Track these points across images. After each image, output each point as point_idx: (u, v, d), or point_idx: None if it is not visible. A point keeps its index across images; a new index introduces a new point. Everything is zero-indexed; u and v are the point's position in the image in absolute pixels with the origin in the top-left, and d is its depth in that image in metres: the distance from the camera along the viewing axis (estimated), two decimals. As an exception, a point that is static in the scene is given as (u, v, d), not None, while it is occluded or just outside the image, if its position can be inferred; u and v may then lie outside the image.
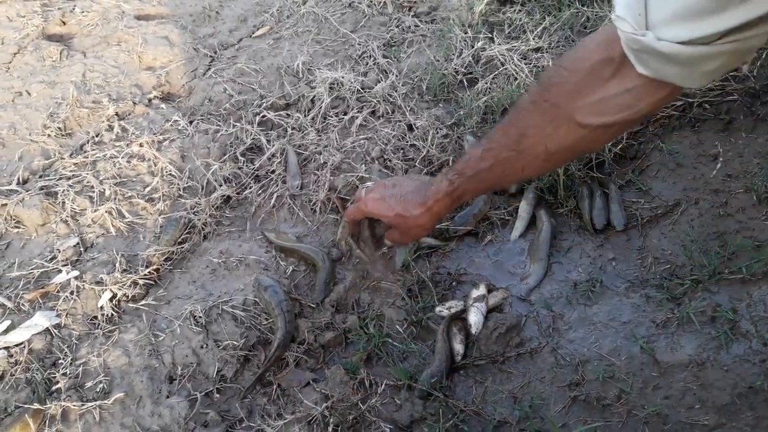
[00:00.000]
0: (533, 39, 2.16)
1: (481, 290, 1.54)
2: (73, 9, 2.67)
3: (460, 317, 1.51)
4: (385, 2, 2.56)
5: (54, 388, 1.37)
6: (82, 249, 1.69)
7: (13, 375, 1.39)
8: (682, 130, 1.79)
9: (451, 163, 1.83)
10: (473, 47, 2.20)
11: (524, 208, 1.77)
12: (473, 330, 1.47)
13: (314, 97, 2.12)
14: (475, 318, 1.48)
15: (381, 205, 1.34)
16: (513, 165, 1.15)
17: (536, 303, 1.55)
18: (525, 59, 2.11)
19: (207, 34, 2.54)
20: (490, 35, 2.27)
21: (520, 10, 2.37)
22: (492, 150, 1.16)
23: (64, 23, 2.62)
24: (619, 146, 1.80)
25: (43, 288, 1.58)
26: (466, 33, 2.26)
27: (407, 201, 1.30)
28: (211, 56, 2.42)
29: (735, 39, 0.77)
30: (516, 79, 2.03)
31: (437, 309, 1.52)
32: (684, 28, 0.79)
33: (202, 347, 1.42)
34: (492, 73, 2.10)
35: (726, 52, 0.80)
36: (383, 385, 1.34)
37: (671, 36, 0.80)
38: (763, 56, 1.79)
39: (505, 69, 2.07)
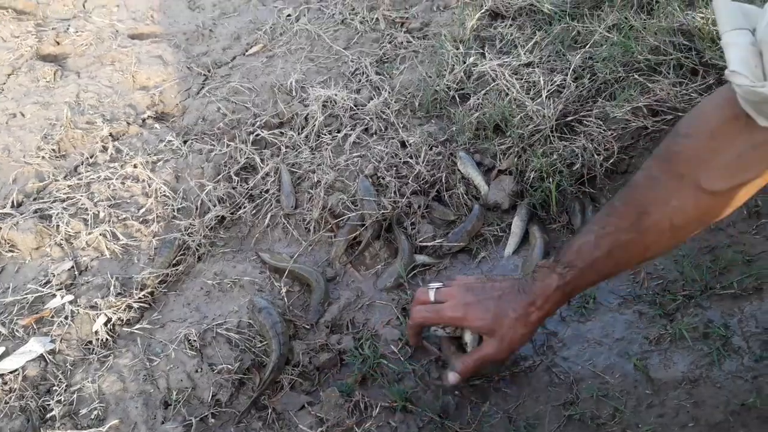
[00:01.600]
0: (524, 54, 2.17)
1: None
2: (67, 29, 2.68)
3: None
4: (377, 19, 2.57)
5: (48, 415, 1.37)
6: (76, 272, 1.70)
7: (8, 403, 1.39)
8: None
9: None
10: (465, 63, 2.21)
11: (517, 224, 1.77)
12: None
13: (308, 115, 2.13)
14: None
15: (473, 310, 1.20)
16: (635, 248, 1.08)
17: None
18: (516, 74, 2.12)
19: (200, 53, 2.55)
20: (482, 50, 2.28)
21: (511, 25, 2.38)
22: (608, 235, 1.08)
23: (58, 43, 2.63)
24: (611, 161, 1.80)
25: (37, 313, 1.58)
26: (457, 48, 2.27)
27: (508, 301, 1.17)
28: (204, 75, 2.43)
29: None
30: (507, 94, 2.03)
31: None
32: None
33: (196, 371, 1.42)
34: (484, 88, 2.11)
35: None
36: (378, 408, 1.34)
37: None
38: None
39: (497, 85, 2.08)
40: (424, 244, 1.75)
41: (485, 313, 1.19)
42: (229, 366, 1.42)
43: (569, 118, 1.93)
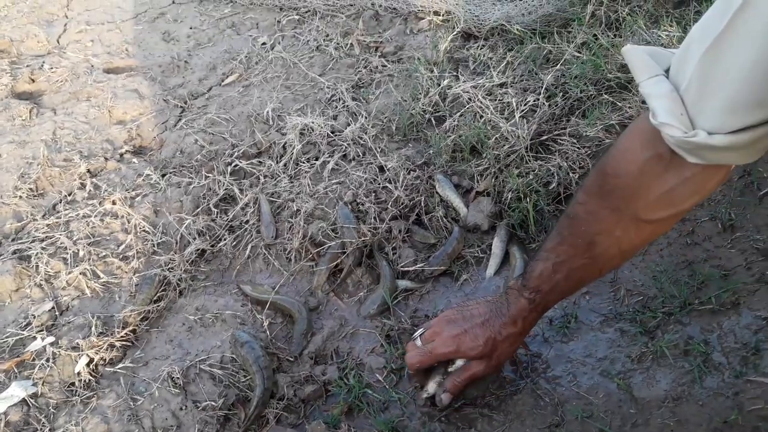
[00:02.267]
0: (497, 75, 2.19)
1: None
2: (42, 65, 2.68)
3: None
4: (351, 44, 2.59)
5: (32, 461, 1.36)
6: (57, 313, 1.69)
7: (-10, 451, 1.38)
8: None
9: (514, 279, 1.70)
10: (439, 86, 2.23)
11: (497, 245, 1.79)
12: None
13: (285, 143, 2.14)
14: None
15: (464, 340, 1.27)
16: (590, 269, 1.17)
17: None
18: (490, 95, 2.14)
19: (177, 85, 2.55)
20: (456, 72, 2.30)
21: (483, 46, 2.41)
22: (564, 263, 1.17)
23: (33, 80, 2.62)
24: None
25: (18, 357, 1.56)
26: (432, 71, 2.30)
27: (492, 326, 1.26)
28: (181, 107, 2.44)
29: None
30: (482, 116, 2.05)
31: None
32: (739, 117, 0.80)
33: (181, 409, 1.41)
34: (459, 110, 2.13)
35: None
36: (364, 439, 1.34)
37: (726, 127, 0.81)
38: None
39: (471, 107, 2.10)
40: (406, 269, 1.76)
41: (476, 340, 1.27)
42: (214, 402, 1.41)
43: (544, 137, 1.95)
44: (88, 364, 1.52)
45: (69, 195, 2.06)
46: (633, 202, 1.02)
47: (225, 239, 1.87)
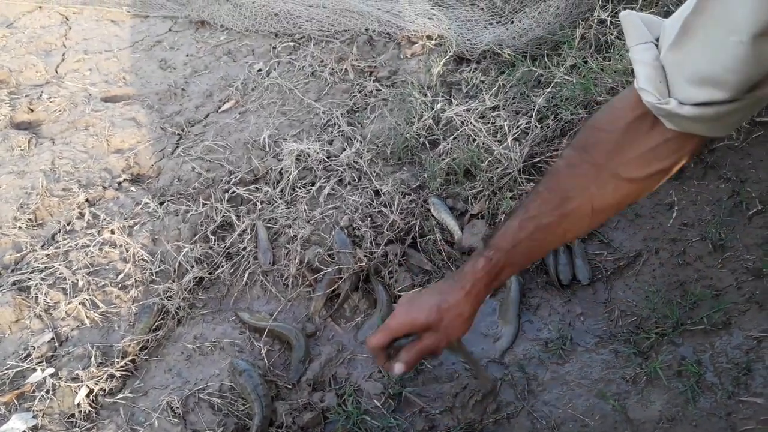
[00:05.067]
0: (489, 98, 2.22)
1: None
2: (41, 95, 2.71)
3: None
4: (346, 69, 2.62)
5: (34, 494, 1.37)
6: (57, 344, 1.70)
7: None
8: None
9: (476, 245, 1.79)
10: (433, 109, 2.25)
11: (492, 267, 1.80)
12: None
13: (282, 169, 2.16)
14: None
15: (410, 310, 1.21)
16: (555, 229, 1.13)
17: (510, 365, 1.58)
18: (483, 118, 2.17)
19: (174, 112, 2.58)
20: (449, 96, 2.33)
21: (475, 69, 2.44)
22: (532, 218, 1.13)
23: (31, 110, 2.65)
24: (579, 200, 1.84)
25: (18, 389, 1.58)
26: (425, 95, 2.32)
27: (441, 291, 1.19)
28: (178, 134, 2.46)
29: (753, 95, 0.83)
30: (475, 139, 2.08)
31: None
32: (702, 91, 0.85)
33: (180, 439, 1.43)
34: (452, 134, 2.15)
35: (746, 105, 0.85)
36: (362, 466, 1.35)
37: (692, 99, 0.86)
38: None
39: (464, 130, 2.13)
40: (402, 293, 1.77)
41: (427, 309, 1.18)
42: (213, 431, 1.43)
43: (536, 160, 1.97)
44: (87, 395, 1.54)
45: (68, 225, 2.08)
46: (615, 158, 1.04)
47: (222, 266, 1.89)
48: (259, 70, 2.73)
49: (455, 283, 1.18)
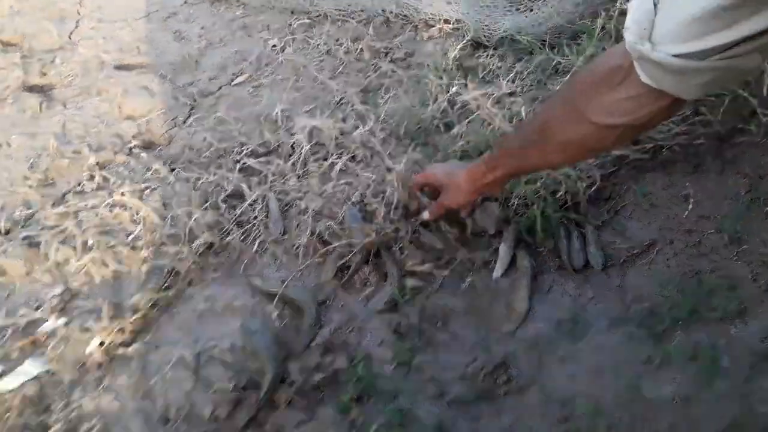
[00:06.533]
0: (506, 84, 2.22)
1: None
2: (54, 60, 2.69)
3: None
4: (362, 49, 2.62)
5: (50, 432, 1.38)
6: (67, 297, 1.70)
7: (7, 421, 1.40)
8: (654, 172, 1.85)
9: None
10: (448, 92, 2.25)
11: (504, 249, 1.80)
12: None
13: (294, 143, 2.15)
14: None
15: (434, 170, 1.69)
16: (536, 149, 1.30)
17: (521, 341, 1.58)
18: (498, 103, 2.17)
19: (187, 83, 2.57)
20: (465, 80, 2.33)
21: (493, 54, 2.44)
22: (522, 134, 1.37)
23: (44, 74, 2.64)
24: (594, 188, 1.85)
25: (31, 336, 1.58)
26: (441, 78, 2.32)
27: (455, 166, 1.64)
28: (191, 105, 2.45)
29: (724, 57, 0.85)
30: (490, 124, 2.08)
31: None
32: (677, 43, 0.87)
33: (193, 390, 1.44)
34: (467, 117, 2.15)
35: (717, 68, 0.87)
36: (375, 426, 1.35)
37: (666, 49, 0.89)
38: (726, 102, 1.86)
39: (479, 114, 2.13)
40: (413, 269, 1.77)
41: (441, 173, 1.66)
42: (225, 385, 1.42)
43: (552, 146, 1.97)
44: (100, 345, 1.54)
45: (78, 185, 2.07)
46: (588, 99, 1.10)
47: (233, 233, 1.88)
48: (274, 45, 2.72)
49: (465, 164, 1.59)
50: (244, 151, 2.16)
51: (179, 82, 2.58)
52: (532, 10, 2.42)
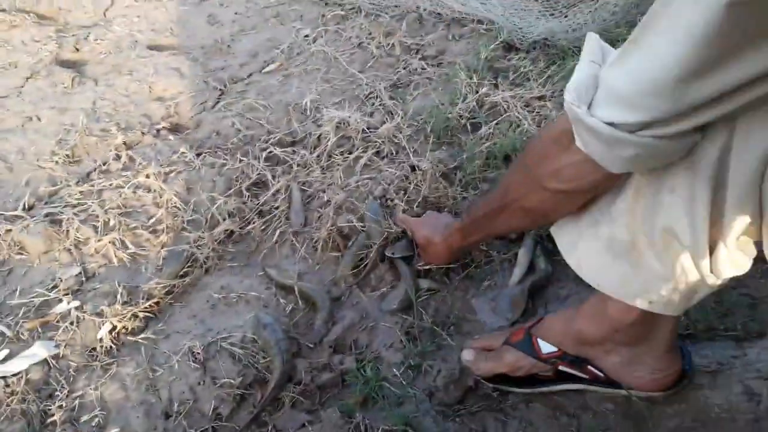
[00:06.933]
0: (537, 87, 2.20)
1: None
2: (88, 36, 2.72)
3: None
4: (393, 44, 2.61)
5: (49, 420, 1.38)
6: (83, 278, 1.71)
7: (9, 405, 1.40)
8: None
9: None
10: (477, 92, 2.24)
11: (523, 254, 1.79)
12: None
13: (320, 135, 2.15)
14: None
15: (418, 225, 1.70)
16: (500, 216, 1.28)
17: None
18: (528, 107, 2.15)
19: (217, 68, 2.58)
20: (495, 81, 2.31)
21: (524, 57, 2.42)
22: (488, 201, 1.34)
23: (77, 50, 2.66)
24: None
25: (43, 317, 1.59)
26: (471, 78, 2.31)
27: (435, 228, 1.62)
28: (220, 90, 2.46)
29: (649, 135, 0.85)
30: (519, 126, 2.06)
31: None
32: (612, 110, 0.86)
33: (199, 384, 1.42)
34: (495, 119, 2.14)
35: (641, 144, 0.86)
36: (379, 431, 1.35)
37: (601, 114, 0.88)
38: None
39: (508, 116, 2.11)
40: (424, 267, 1.76)
41: (424, 235, 1.66)
42: (232, 380, 1.43)
43: (579, 153, 1.95)
44: (110, 331, 1.54)
45: (104, 164, 2.08)
46: (539, 164, 1.09)
47: (254, 222, 1.89)
48: (306, 35, 2.72)
49: (444, 229, 1.57)
50: (271, 140, 2.16)
51: (210, 66, 2.59)
52: (566, 17, 2.39)
